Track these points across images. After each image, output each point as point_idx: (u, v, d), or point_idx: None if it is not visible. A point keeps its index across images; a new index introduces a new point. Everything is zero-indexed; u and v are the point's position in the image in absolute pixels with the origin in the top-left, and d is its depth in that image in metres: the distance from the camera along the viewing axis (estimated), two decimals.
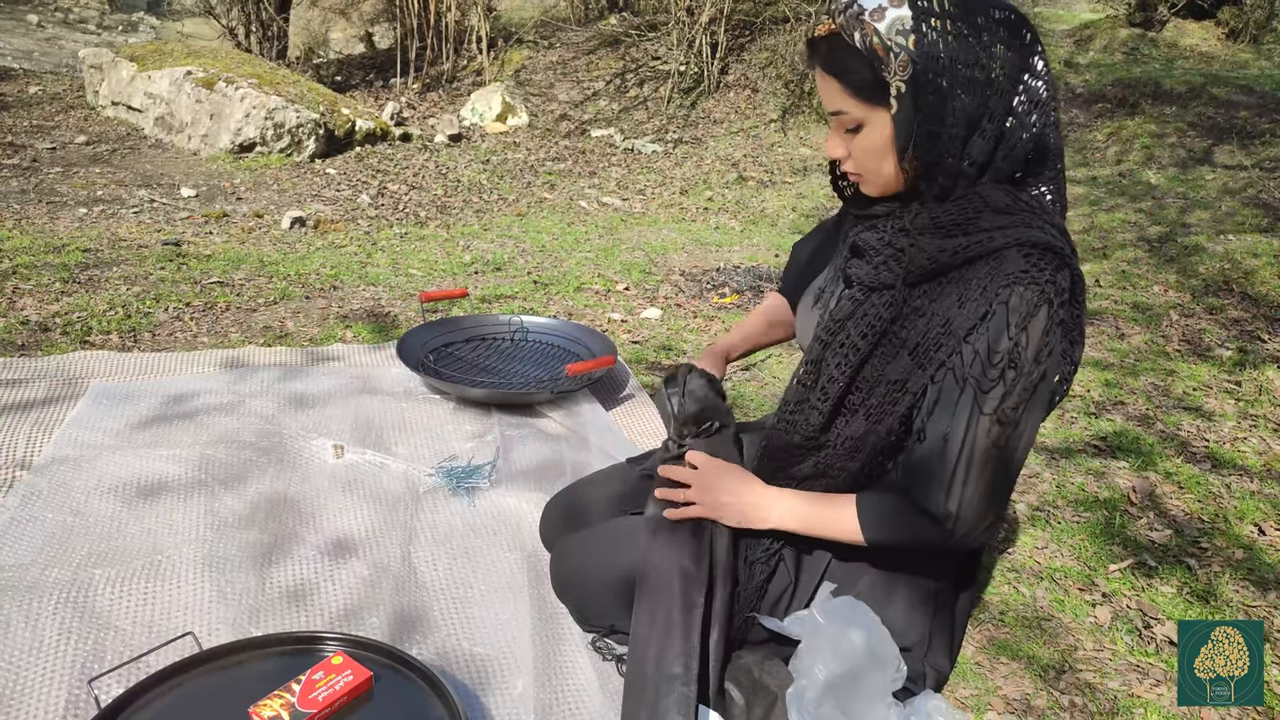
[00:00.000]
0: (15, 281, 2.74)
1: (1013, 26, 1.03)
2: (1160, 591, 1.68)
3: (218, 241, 3.65)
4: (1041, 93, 1.04)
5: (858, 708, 1.12)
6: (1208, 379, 2.57)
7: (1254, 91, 5.57)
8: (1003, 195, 1.06)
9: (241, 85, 5.00)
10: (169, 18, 10.60)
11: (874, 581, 1.24)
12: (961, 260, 1.05)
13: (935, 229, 1.07)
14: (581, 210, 4.90)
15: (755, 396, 2.39)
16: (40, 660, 1.25)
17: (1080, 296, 1.07)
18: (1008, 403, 1.03)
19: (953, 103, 1.01)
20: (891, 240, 1.11)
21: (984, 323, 1.03)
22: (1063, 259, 1.04)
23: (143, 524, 1.58)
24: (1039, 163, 1.09)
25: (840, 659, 1.13)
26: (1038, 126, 1.05)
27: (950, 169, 1.06)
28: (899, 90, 1.02)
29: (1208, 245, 3.47)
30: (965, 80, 1.01)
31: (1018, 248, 1.02)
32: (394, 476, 1.82)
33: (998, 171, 1.06)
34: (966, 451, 1.05)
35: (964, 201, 1.07)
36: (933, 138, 1.04)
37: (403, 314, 2.85)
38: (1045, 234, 1.03)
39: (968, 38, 1.01)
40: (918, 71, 1.01)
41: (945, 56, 1.00)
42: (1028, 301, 1.01)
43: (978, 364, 1.04)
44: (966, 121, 1.02)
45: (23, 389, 2.03)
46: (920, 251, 1.08)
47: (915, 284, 1.09)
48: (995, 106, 1.02)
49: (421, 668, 1.18)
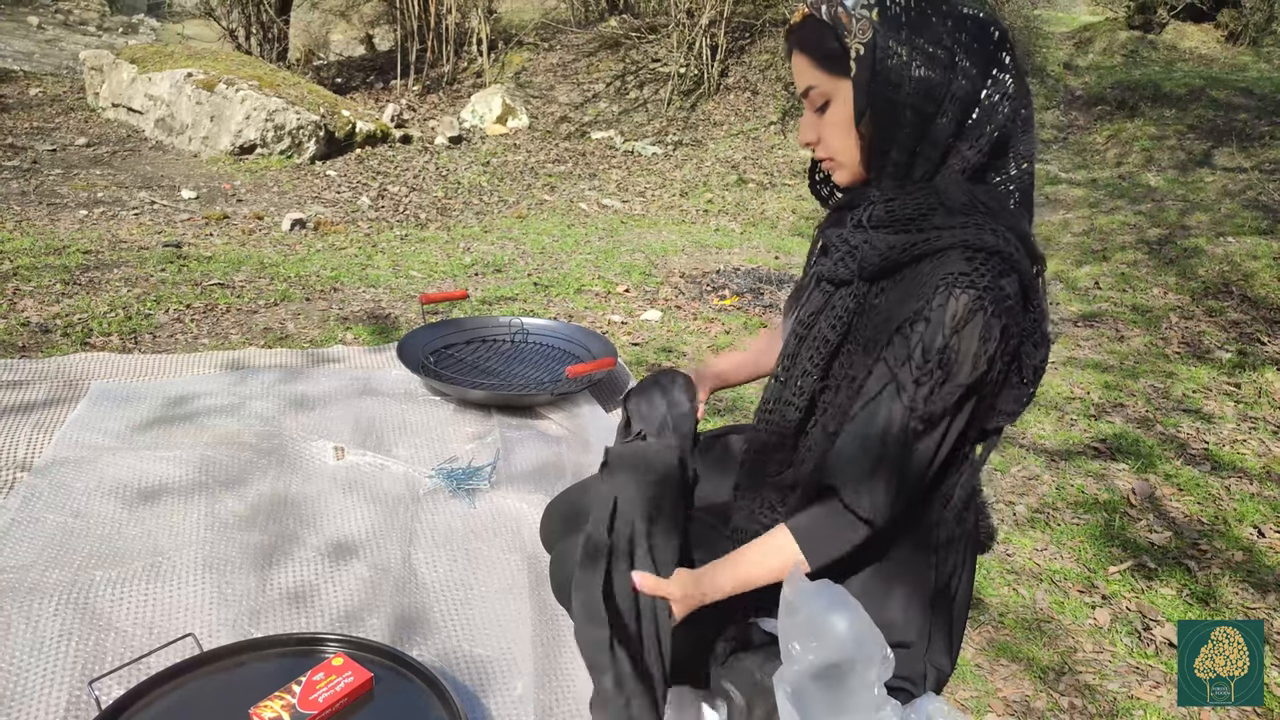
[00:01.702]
0: (16, 283, 2.74)
1: (979, 21, 1.06)
2: (1160, 593, 1.68)
3: (218, 243, 3.66)
4: (1009, 85, 1.05)
5: (848, 703, 1.11)
6: (1207, 381, 2.58)
7: (1253, 94, 5.58)
8: (960, 193, 1.06)
9: (242, 87, 5.01)
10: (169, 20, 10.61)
11: (871, 578, 1.23)
12: (910, 258, 1.06)
13: (889, 222, 1.09)
14: (582, 212, 4.90)
15: (755, 399, 2.40)
16: (41, 661, 1.25)
17: (1035, 300, 1.06)
18: (932, 405, 1.04)
19: (911, 71, 1.03)
20: (848, 236, 1.13)
21: (918, 319, 1.04)
22: (1009, 264, 1.03)
23: (143, 525, 1.58)
24: (1002, 155, 1.09)
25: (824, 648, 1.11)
26: (1004, 121, 1.06)
27: (905, 143, 1.06)
28: (858, 52, 1.05)
29: (1207, 247, 3.47)
30: (926, 55, 1.03)
31: (962, 249, 1.03)
32: (394, 478, 1.82)
33: (964, 160, 1.07)
34: (883, 446, 1.06)
35: (919, 195, 1.08)
36: (889, 104, 1.05)
37: (403, 316, 2.85)
38: (995, 237, 1.03)
39: (930, 17, 1.04)
40: (877, 35, 1.03)
41: (906, 28, 1.03)
42: (963, 305, 1.01)
43: (907, 362, 1.04)
44: (925, 94, 1.04)
45: (23, 390, 2.03)
46: (872, 249, 1.09)
47: (872, 280, 1.11)
48: (959, 90, 1.04)
49: (422, 669, 1.18)
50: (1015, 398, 1.13)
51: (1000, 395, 1.13)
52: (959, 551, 1.26)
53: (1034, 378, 1.11)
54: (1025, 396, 1.12)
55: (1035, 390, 1.13)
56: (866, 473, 1.07)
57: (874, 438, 1.07)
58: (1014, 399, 1.13)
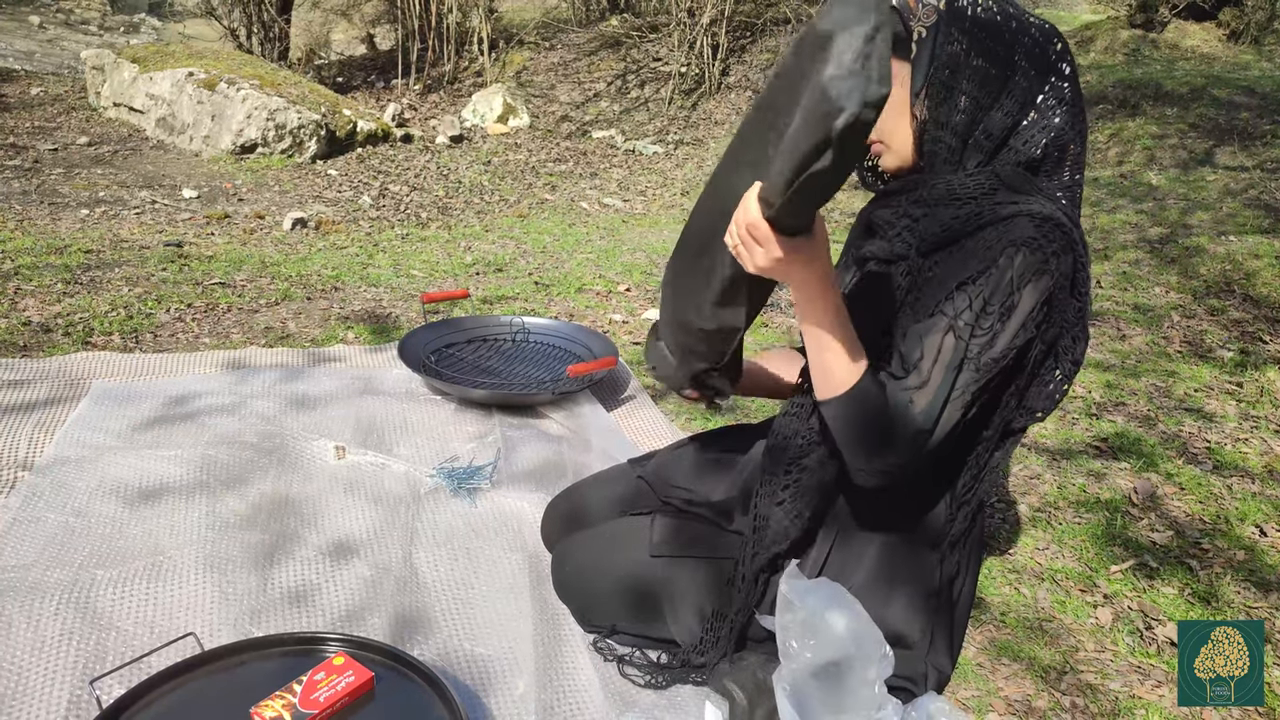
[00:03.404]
0: (17, 282, 2.74)
1: (1044, 31, 1.09)
2: (1161, 593, 1.68)
3: (219, 242, 3.66)
4: (1067, 92, 1.08)
5: (848, 702, 1.11)
6: (1209, 380, 2.57)
7: (1255, 93, 5.57)
8: (1021, 178, 1.08)
9: (243, 86, 5.01)
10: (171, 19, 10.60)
11: (873, 578, 1.23)
12: (974, 226, 1.06)
13: (949, 200, 1.09)
14: (583, 211, 4.90)
15: (755, 399, 2.39)
16: (42, 661, 1.25)
17: (1082, 289, 1.07)
18: (986, 354, 1.04)
19: (970, 59, 1.05)
20: (907, 211, 1.13)
21: (981, 276, 1.04)
22: (1070, 241, 1.04)
23: (144, 525, 1.59)
24: (1057, 165, 1.10)
25: (822, 646, 1.10)
26: (1062, 125, 1.07)
27: (959, 128, 1.07)
28: (919, 35, 1.07)
29: (1209, 246, 3.46)
30: (985, 48, 1.06)
31: (1029, 217, 1.03)
32: (395, 477, 1.82)
33: (1017, 154, 1.08)
34: (950, 389, 1.05)
35: (980, 175, 1.09)
36: (945, 88, 1.07)
37: (404, 315, 2.85)
38: (1061, 214, 1.05)
39: (997, 18, 1.07)
40: (940, 21, 1.06)
41: (970, 20, 1.06)
42: (1030, 266, 1.02)
43: (968, 309, 1.04)
44: (981, 83, 1.06)
45: (25, 390, 2.04)
46: (933, 219, 1.09)
47: (928, 253, 1.10)
48: (1015, 88, 1.06)
49: (423, 668, 1.18)
50: (1047, 394, 1.12)
51: (1031, 388, 1.12)
52: (964, 554, 1.25)
53: (1069, 373, 1.11)
54: (1058, 393, 1.12)
55: (1068, 388, 1.13)
56: (942, 405, 1.05)
57: (948, 387, 1.04)
58: (1045, 395, 1.12)
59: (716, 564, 1.31)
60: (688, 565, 1.31)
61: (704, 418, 2.28)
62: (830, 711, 1.10)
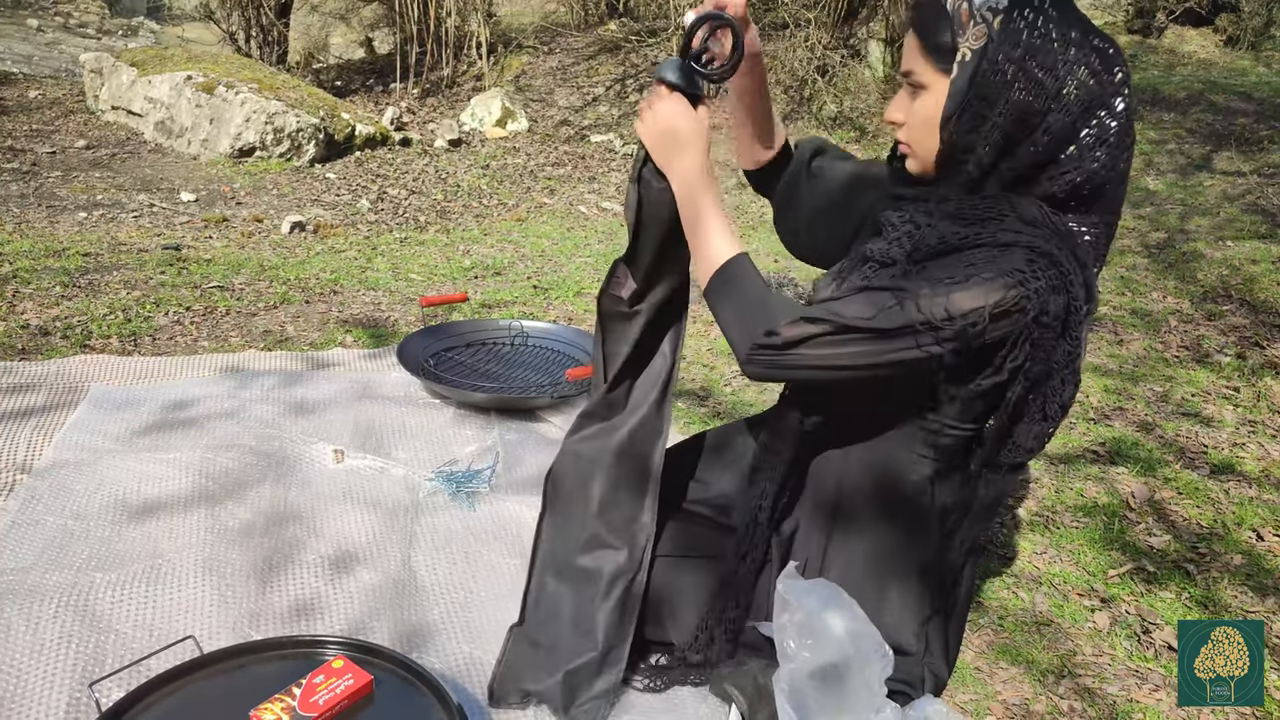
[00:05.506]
0: (15, 285, 2.74)
1: (1107, 59, 1.01)
2: (1159, 597, 1.68)
3: (217, 246, 3.66)
4: (1111, 132, 1.01)
5: (847, 704, 1.11)
6: (1207, 385, 2.58)
7: (1252, 98, 5.59)
8: (1035, 210, 1.04)
9: (241, 90, 5.01)
10: (169, 23, 10.61)
11: (866, 582, 1.23)
12: (968, 246, 1.03)
13: (957, 218, 1.07)
14: (581, 215, 4.90)
15: (756, 401, 2.40)
16: (41, 664, 1.25)
17: (1074, 332, 1.03)
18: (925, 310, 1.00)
19: (1011, 93, 1.00)
20: (912, 218, 1.11)
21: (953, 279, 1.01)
22: (1065, 282, 1.00)
23: (143, 528, 1.59)
24: (1089, 202, 1.05)
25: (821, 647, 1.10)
26: (1097, 168, 1.02)
27: (984, 160, 1.04)
28: (964, 56, 1.02)
29: (1207, 252, 3.47)
30: (1033, 80, 0.99)
31: (1026, 249, 1.00)
32: (394, 481, 1.82)
33: (1040, 189, 1.04)
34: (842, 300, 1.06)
35: (994, 200, 1.06)
36: (977, 119, 1.02)
37: (403, 319, 2.85)
38: (1061, 252, 1.00)
39: (1054, 43, 0.99)
40: (989, 46, 1.00)
41: (1023, 47, 0.99)
42: (1008, 298, 0.99)
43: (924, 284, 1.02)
44: (1017, 120, 1.01)
45: (23, 393, 2.03)
46: (933, 231, 1.07)
47: (918, 262, 1.08)
48: (1054, 124, 1.00)
49: (422, 672, 1.18)
50: (1035, 434, 1.09)
51: (1018, 428, 1.10)
52: (962, 562, 1.26)
53: (1057, 415, 1.08)
54: (1045, 435, 1.09)
55: (1055, 430, 1.10)
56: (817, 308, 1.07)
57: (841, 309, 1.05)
58: (1034, 435, 1.09)
59: (716, 564, 1.31)
60: (687, 566, 1.32)
61: (703, 419, 2.28)
62: (829, 713, 1.10)
